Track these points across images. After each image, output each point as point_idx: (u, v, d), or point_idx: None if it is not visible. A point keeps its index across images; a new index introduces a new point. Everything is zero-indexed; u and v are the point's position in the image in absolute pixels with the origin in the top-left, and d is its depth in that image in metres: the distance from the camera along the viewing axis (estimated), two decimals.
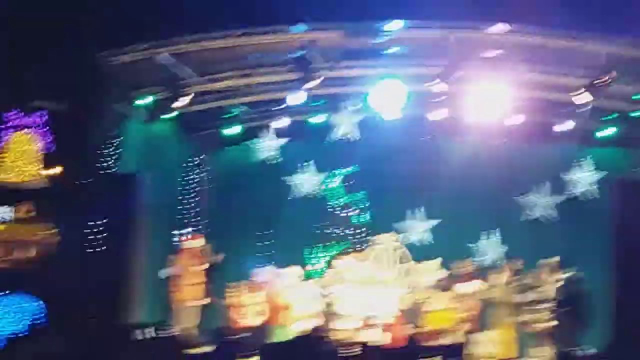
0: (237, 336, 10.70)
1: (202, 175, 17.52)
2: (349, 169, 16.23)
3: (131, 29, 11.80)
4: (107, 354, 5.85)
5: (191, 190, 17.37)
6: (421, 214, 15.86)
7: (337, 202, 16.18)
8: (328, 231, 16.14)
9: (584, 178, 15.50)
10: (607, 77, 12.02)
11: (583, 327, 13.08)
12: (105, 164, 13.67)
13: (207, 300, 15.53)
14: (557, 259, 13.85)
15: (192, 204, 17.34)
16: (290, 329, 14.32)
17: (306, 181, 16.16)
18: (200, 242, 15.76)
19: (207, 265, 15.51)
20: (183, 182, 17.03)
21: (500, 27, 11.77)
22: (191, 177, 17.38)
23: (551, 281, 13.63)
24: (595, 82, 12.32)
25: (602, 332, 12.00)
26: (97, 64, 12.29)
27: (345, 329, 14.00)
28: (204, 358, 7.81)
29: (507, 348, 13.67)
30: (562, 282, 13.38)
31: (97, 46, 12.12)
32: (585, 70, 12.90)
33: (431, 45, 12.48)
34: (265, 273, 15.06)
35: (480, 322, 14.26)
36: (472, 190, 16.05)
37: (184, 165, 17.01)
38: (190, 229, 16.87)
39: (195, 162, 17.46)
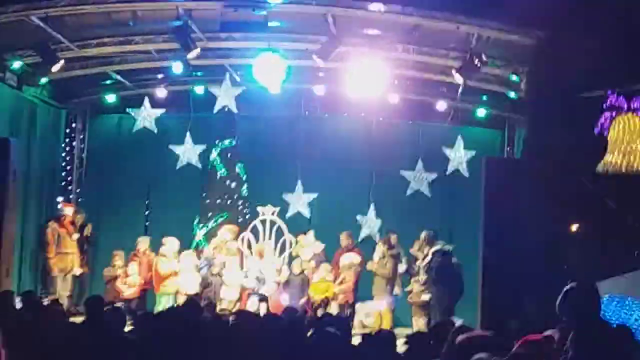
0: (113, 305, 10.51)
1: (77, 143, 17.11)
2: (229, 141, 16.13)
3: None
4: None
5: (66, 158, 16.95)
6: (300, 187, 15.93)
7: (216, 173, 16.07)
8: (208, 202, 16.04)
9: (458, 156, 15.93)
10: (477, 59, 12.35)
11: (456, 298, 13.54)
12: None
13: (82, 270, 15.29)
14: (430, 232, 14.25)
15: (67, 172, 16.94)
16: (170, 298, 14.27)
17: (185, 152, 15.95)
18: (72, 210, 15.45)
19: (79, 235, 15.26)
20: (57, 150, 16.59)
21: (377, 6, 11.90)
22: (66, 144, 16.95)
23: (424, 254, 14.01)
24: (467, 63, 12.64)
25: (473, 304, 12.44)
26: None
27: (225, 299, 14.05)
28: (80, 327, 7.64)
29: (383, 319, 14.03)
30: (435, 255, 13.76)
31: None
32: (458, 51, 13.25)
33: (310, 21, 12.51)
34: (145, 242, 14.91)
35: (357, 294, 14.59)
36: (351, 165, 16.29)
37: (58, 132, 16.55)
38: (63, 198, 16.51)
39: (70, 130, 17.02)
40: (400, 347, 7.16)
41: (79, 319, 10.14)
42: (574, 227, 13.17)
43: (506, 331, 7.61)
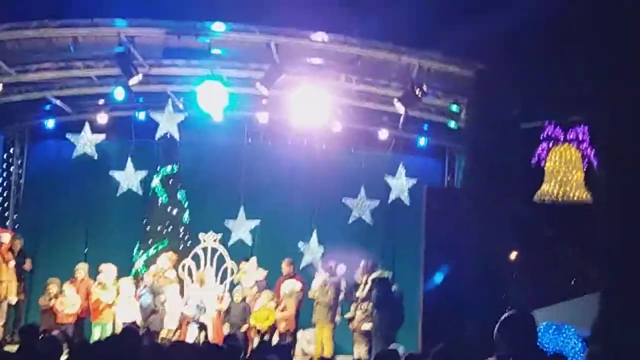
0: (50, 334, 10.27)
1: (15, 168, 16.82)
2: (170, 167, 16.01)
3: None
4: None
5: (3, 184, 16.63)
6: (242, 214, 15.88)
7: (157, 200, 15.92)
8: (148, 229, 15.86)
9: (399, 184, 16.10)
10: (418, 90, 12.52)
11: (397, 325, 13.60)
12: None
13: (17, 298, 14.94)
14: (369, 261, 14.32)
15: (4, 198, 16.62)
16: (107, 327, 14.03)
17: (126, 178, 15.79)
18: (8, 237, 15.12)
19: (15, 262, 14.92)
20: None
21: (320, 36, 12.01)
22: (3, 170, 16.64)
23: (365, 281, 14.06)
24: (408, 93, 12.81)
25: (414, 330, 12.54)
26: None
27: (164, 328, 13.87)
28: (14, 357, 7.46)
29: (324, 346, 14.00)
30: (373, 283, 13.81)
31: None
32: (399, 82, 13.42)
33: (254, 49, 12.57)
34: (83, 269, 14.65)
35: (298, 321, 14.55)
36: (294, 192, 16.32)
37: None
38: (0, 224, 16.17)
39: (8, 155, 16.72)
40: None
41: (13, 348, 9.92)
42: (512, 255, 13.39)
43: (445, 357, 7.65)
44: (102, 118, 15.88)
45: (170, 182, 15.94)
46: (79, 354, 7.58)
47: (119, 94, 13.66)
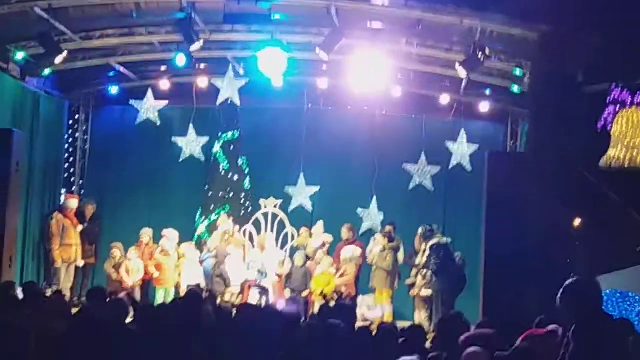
0: (116, 296, 10.52)
1: (80, 134, 17.13)
2: (231, 133, 16.12)
3: None
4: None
5: (69, 150, 16.97)
6: (302, 180, 15.93)
7: (219, 166, 16.07)
8: (210, 195, 16.03)
9: (461, 150, 15.92)
10: (480, 53, 12.31)
11: (457, 292, 13.56)
12: None
13: (84, 261, 15.33)
14: (427, 227, 14.25)
15: (70, 164, 16.96)
16: (171, 290, 14.31)
17: (188, 144, 15.96)
18: (75, 202, 15.48)
19: (83, 226, 15.30)
20: (60, 141, 16.60)
21: (380, 0, 11.88)
22: (69, 136, 16.97)
23: (423, 248, 14.03)
24: (470, 57, 12.61)
25: (475, 297, 12.49)
26: None
27: (226, 291, 14.08)
28: (82, 318, 7.67)
29: (384, 312, 14.04)
30: (432, 250, 13.77)
31: None
32: (461, 45, 13.22)
33: (314, 13, 12.48)
34: (148, 234, 14.93)
35: (358, 287, 14.61)
36: (354, 158, 16.32)
37: (61, 123, 16.55)
38: (66, 189, 16.54)
39: (73, 121, 17.04)
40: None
41: (83, 309, 10.18)
42: (577, 222, 13.17)
43: (508, 325, 7.61)
44: (165, 84, 16.05)
45: (231, 148, 16.05)
46: (143, 316, 7.75)
47: (181, 60, 13.73)
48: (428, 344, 7.52)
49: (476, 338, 5.39)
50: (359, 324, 12.49)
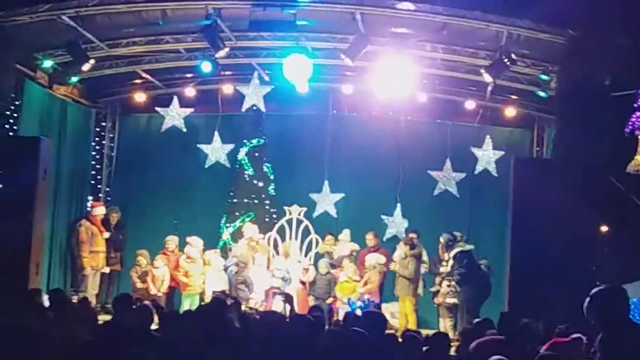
0: (141, 303, 10.56)
1: (107, 142, 17.25)
2: (257, 140, 16.15)
3: None
4: (11, 321, 5.73)
5: (95, 157, 17.09)
6: (327, 187, 15.91)
7: (244, 172, 16.10)
8: (235, 201, 16.07)
9: (486, 156, 15.82)
10: (506, 58, 12.24)
11: (482, 299, 13.47)
12: (5, 128, 13.26)
13: (110, 268, 15.42)
14: (449, 236, 14.15)
15: (96, 171, 17.07)
16: (195, 298, 14.34)
17: (213, 151, 16.01)
18: (102, 209, 15.57)
19: (111, 233, 15.39)
20: (87, 148, 16.72)
21: (406, 5, 11.86)
22: (96, 143, 17.09)
23: (448, 257, 13.94)
24: (496, 62, 12.55)
25: (500, 304, 12.39)
26: None
27: (250, 298, 14.08)
28: (108, 325, 7.71)
29: (408, 319, 13.99)
30: (456, 258, 13.68)
31: None
32: (487, 50, 13.16)
33: (339, 19, 12.49)
34: (174, 241, 14.99)
35: (383, 294, 14.56)
36: (378, 165, 16.27)
37: (88, 130, 16.68)
38: (93, 197, 16.64)
39: (100, 129, 17.16)
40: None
41: (106, 317, 10.25)
42: (603, 228, 13.04)
43: (532, 332, 7.55)
44: (190, 91, 16.14)
45: (256, 155, 16.10)
46: (169, 323, 7.77)
47: (206, 67, 13.77)
48: (452, 352, 7.48)
49: (487, 344, 5.33)
50: None
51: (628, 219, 13.46)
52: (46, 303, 10.10)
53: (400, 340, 7.44)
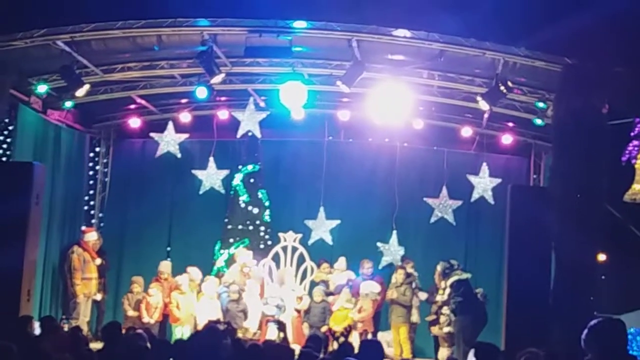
0: (132, 332, 10.42)
1: (101, 167, 17.16)
2: (252, 166, 16.08)
3: (26, 14, 11.33)
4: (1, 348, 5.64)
5: (89, 182, 16.98)
6: (322, 214, 15.81)
7: (239, 199, 16.00)
8: (230, 227, 15.95)
9: (483, 183, 15.77)
10: (502, 86, 12.23)
11: (480, 328, 13.34)
12: None
13: (101, 295, 15.26)
14: (446, 264, 14.04)
15: (90, 197, 16.96)
16: (186, 328, 14.14)
17: (208, 177, 15.93)
18: (95, 235, 15.44)
19: (101, 260, 15.24)
20: (81, 174, 16.62)
21: (402, 32, 11.86)
22: (89, 168, 16.99)
23: (445, 285, 13.80)
24: (492, 90, 12.54)
25: (497, 334, 12.29)
26: None
27: (246, 327, 13.91)
28: (99, 353, 7.60)
29: (402, 348, 13.83)
30: (453, 287, 13.54)
31: None
32: (483, 78, 13.16)
33: (335, 46, 12.48)
34: (167, 267, 14.85)
35: (379, 323, 14.41)
36: (375, 191, 16.23)
37: (82, 156, 16.60)
38: (86, 223, 16.52)
39: (94, 154, 17.08)
40: None
41: (97, 345, 10.09)
42: (601, 257, 12.95)
43: None
44: (185, 117, 16.09)
45: (251, 181, 15.98)
46: (161, 352, 7.65)
47: (202, 92, 13.72)
48: None
49: None
50: None
51: (625, 247, 13.40)
52: (37, 331, 9.97)
53: None
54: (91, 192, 16.99)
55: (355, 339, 13.52)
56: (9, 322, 9.91)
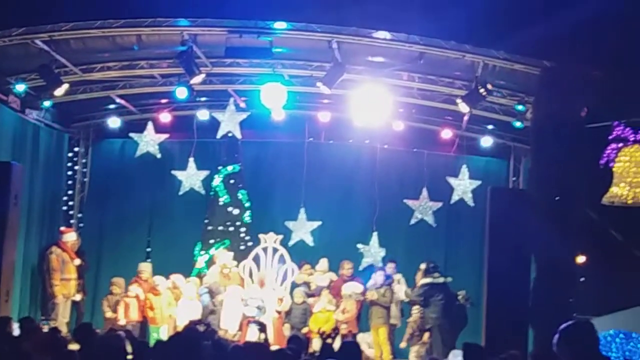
0: (111, 333, 10.35)
1: (80, 167, 17.05)
2: (232, 167, 16.03)
3: (4, 12, 11.24)
4: None
5: (67, 182, 16.87)
6: (303, 215, 15.80)
7: (218, 200, 15.95)
8: (210, 228, 15.88)
9: (463, 185, 15.83)
10: (482, 88, 12.28)
11: (458, 330, 13.38)
12: None
13: (81, 295, 15.16)
14: (430, 264, 14.05)
15: (68, 197, 16.85)
16: (162, 329, 14.06)
17: (188, 178, 15.88)
18: (73, 235, 15.33)
19: (80, 260, 15.13)
20: (60, 174, 16.51)
21: (383, 34, 11.88)
22: (68, 168, 16.88)
23: (422, 284, 13.80)
24: (472, 92, 12.59)
25: (477, 335, 12.32)
26: None
27: (226, 328, 13.86)
28: (78, 354, 7.53)
29: (382, 350, 13.84)
30: (421, 288, 13.55)
31: None
32: (463, 80, 13.21)
33: (315, 47, 12.49)
34: (147, 268, 14.77)
35: (358, 324, 14.40)
36: (355, 193, 16.25)
37: (61, 156, 16.48)
38: (65, 223, 16.40)
39: (73, 154, 16.96)
40: None
41: (76, 346, 10.01)
42: (580, 259, 13.03)
43: None
44: (165, 117, 16.03)
45: (231, 182, 15.91)
46: (142, 353, 7.60)
47: (181, 93, 13.64)
48: None
49: None
50: None
51: (604, 249, 13.48)
52: (16, 332, 9.87)
53: None
54: (70, 192, 16.86)
55: (337, 341, 13.52)
56: None
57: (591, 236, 12.32)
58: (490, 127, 15.83)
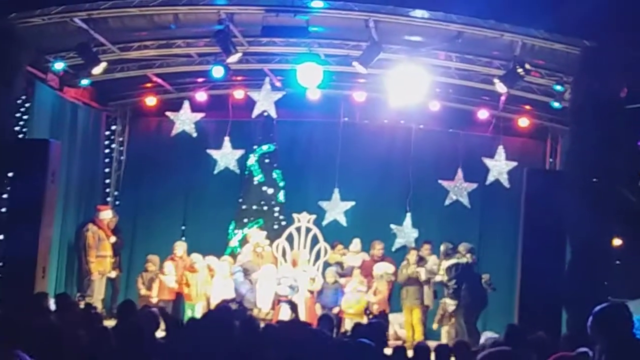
0: (147, 310, 10.48)
1: (117, 145, 17.20)
2: (267, 146, 16.07)
3: None
4: (18, 325, 5.67)
5: (105, 160, 17.02)
6: (337, 195, 15.79)
7: (253, 179, 16.01)
8: (244, 208, 15.96)
9: (498, 166, 15.70)
10: (520, 68, 12.14)
11: (478, 309, 13.37)
12: (15, 130, 13.20)
13: (116, 272, 15.35)
14: (448, 245, 13.97)
15: (105, 175, 17.01)
16: (198, 306, 14.19)
17: (223, 157, 15.93)
18: (109, 213, 15.49)
19: (115, 238, 15.30)
20: (97, 152, 16.66)
21: (420, 13, 11.78)
22: (105, 147, 17.03)
23: (449, 265, 13.75)
24: (510, 72, 12.45)
25: (510, 317, 12.28)
26: (6, 26, 11.79)
27: (259, 307, 13.95)
28: (114, 331, 7.64)
29: (414, 330, 13.84)
30: (449, 271, 13.53)
31: (6, 7, 11.61)
32: (501, 60, 13.06)
33: (352, 26, 12.42)
34: (182, 246, 14.90)
35: (391, 304, 14.42)
36: (389, 173, 16.18)
37: (98, 134, 16.63)
38: (102, 201, 16.57)
39: (110, 132, 17.11)
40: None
41: (111, 322, 10.16)
42: (616, 242, 12.89)
43: (540, 345, 7.42)
44: (201, 96, 16.09)
45: (266, 161, 15.98)
46: (174, 330, 7.69)
47: (218, 72, 13.69)
48: None
49: (493, 356, 5.18)
50: (391, 342, 12.35)
51: None
52: (52, 307, 10.03)
53: (412, 353, 7.33)
54: (107, 170, 17.03)
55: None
56: (25, 298, 9.99)
57: (628, 218, 12.16)
58: (527, 107, 15.65)
